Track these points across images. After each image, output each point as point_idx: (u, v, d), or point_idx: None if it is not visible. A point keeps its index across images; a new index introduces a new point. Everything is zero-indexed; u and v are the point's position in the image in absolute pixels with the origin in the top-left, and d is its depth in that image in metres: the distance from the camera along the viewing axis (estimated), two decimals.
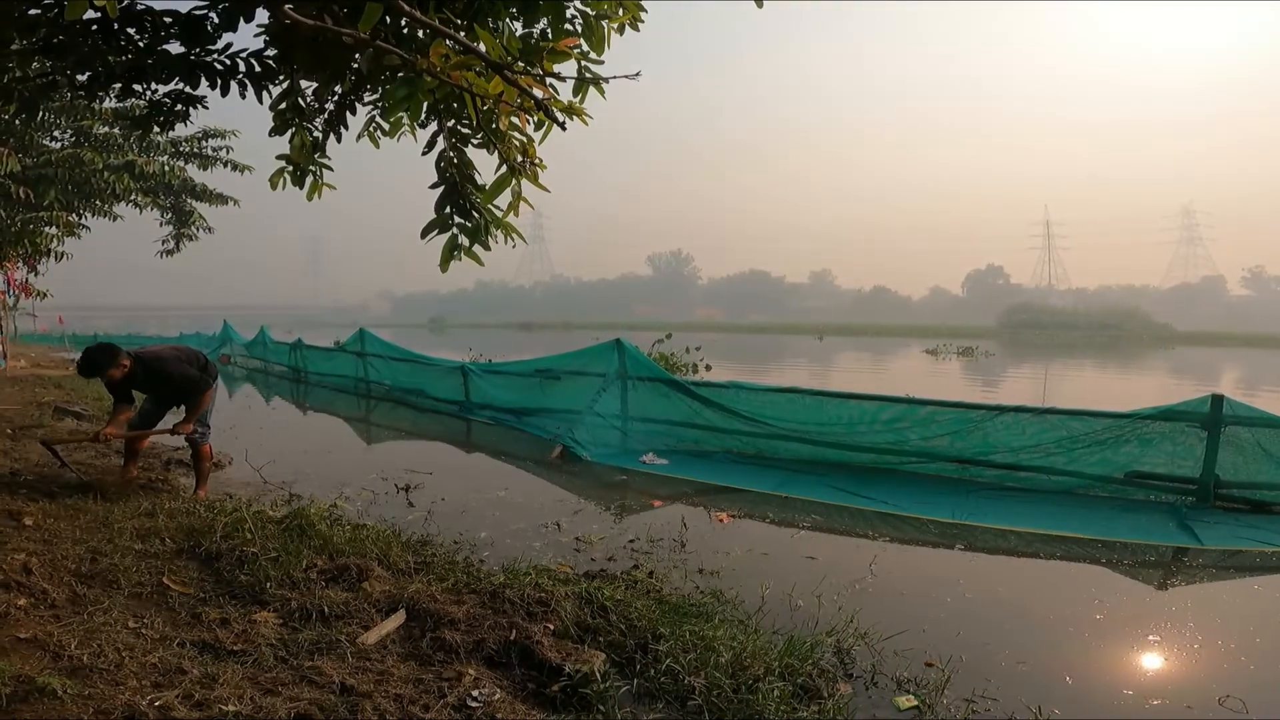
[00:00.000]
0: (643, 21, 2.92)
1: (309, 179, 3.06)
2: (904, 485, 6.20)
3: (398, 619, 3.05)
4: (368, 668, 2.65)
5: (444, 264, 2.76)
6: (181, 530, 4.09)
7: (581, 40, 3.00)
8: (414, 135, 2.98)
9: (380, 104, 3.01)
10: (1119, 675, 3.03)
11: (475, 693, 2.50)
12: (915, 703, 2.65)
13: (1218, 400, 5.55)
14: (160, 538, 3.98)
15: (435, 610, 3.08)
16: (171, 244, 12.48)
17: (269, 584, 3.33)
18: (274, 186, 3.02)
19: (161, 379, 5.13)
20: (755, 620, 3.31)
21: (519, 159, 2.75)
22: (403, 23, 2.67)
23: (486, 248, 2.84)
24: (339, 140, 3.17)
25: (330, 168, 3.12)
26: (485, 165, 2.94)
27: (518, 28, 2.97)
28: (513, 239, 2.91)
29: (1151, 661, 3.16)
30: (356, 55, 2.59)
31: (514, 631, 2.89)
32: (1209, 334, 64.83)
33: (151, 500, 4.79)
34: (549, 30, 2.94)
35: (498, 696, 2.50)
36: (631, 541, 4.71)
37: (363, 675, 2.58)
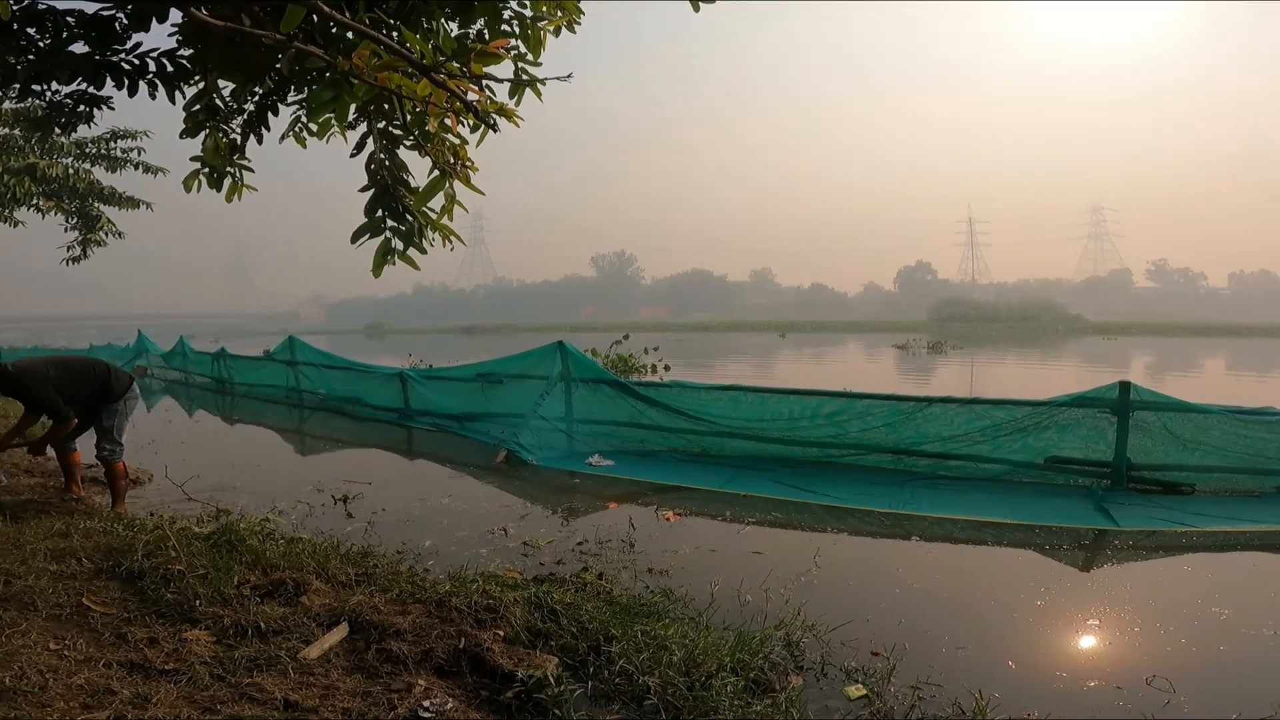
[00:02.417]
0: (579, 24, 2.91)
1: (228, 181, 2.97)
2: (844, 477, 6.37)
3: (340, 632, 2.98)
4: (311, 683, 2.58)
5: (376, 268, 2.70)
6: (99, 550, 3.92)
7: (519, 42, 2.98)
8: (344, 137, 2.91)
9: (305, 106, 2.92)
10: (1052, 658, 3.17)
11: (426, 703, 2.45)
12: (864, 692, 2.72)
13: (1125, 387, 5.88)
14: (76, 558, 3.81)
15: (380, 621, 3.02)
16: (78, 250, 11.79)
17: (199, 601, 3.21)
18: (188, 189, 2.92)
19: (20, 393, 4.90)
20: (706, 617, 3.35)
21: (451, 161, 2.73)
22: (331, 23, 2.60)
23: (422, 251, 2.79)
24: (259, 142, 3.07)
25: (251, 169, 3.03)
26: (419, 167, 2.90)
27: (454, 28, 2.93)
28: (450, 242, 2.87)
29: (1081, 643, 3.32)
30: (279, 55, 2.50)
31: (463, 640, 2.86)
32: (1118, 324, 68.99)
33: (65, 520, 4.54)
34: (485, 32, 2.91)
35: (450, 706, 2.46)
36: (580, 544, 4.69)
37: (307, 690, 2.51)
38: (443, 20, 2.84)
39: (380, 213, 2.76)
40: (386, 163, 2.85)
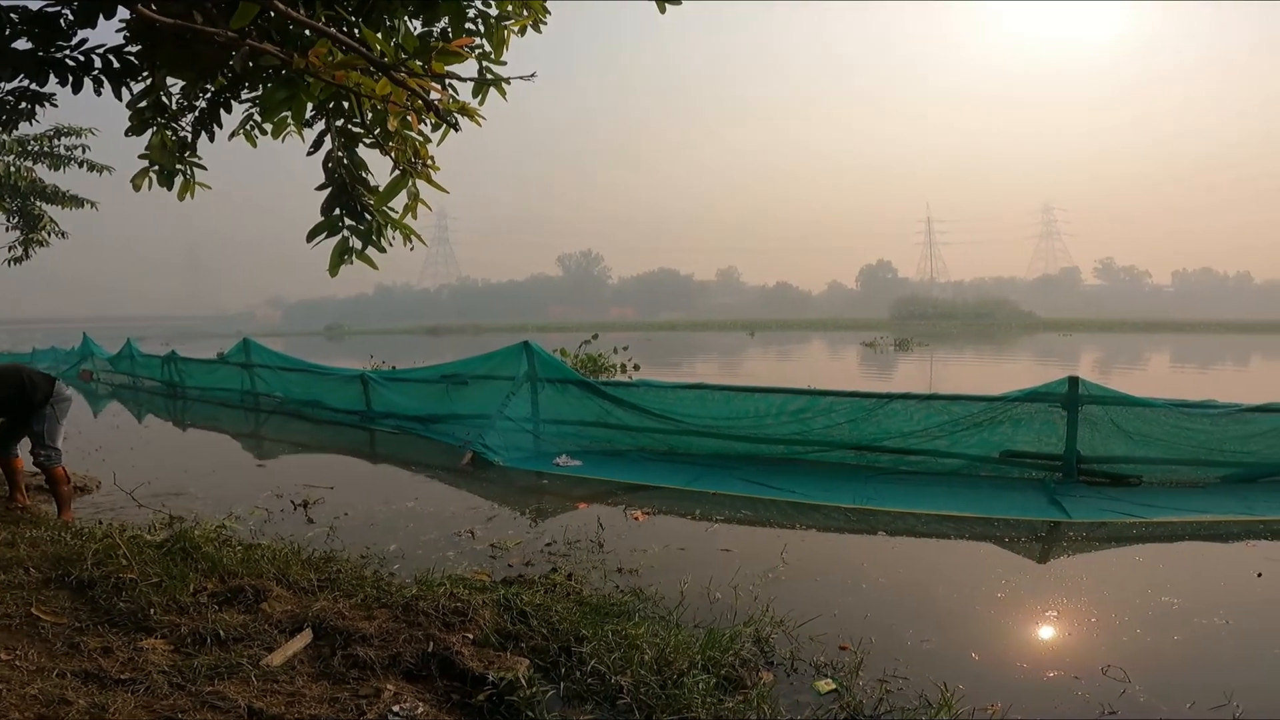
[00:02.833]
0: (545, 24, 2.90)
1: (179, 179, 2.91)
2: (809, 474, 6.45)
3: (304, 638, 2.94)
4: (276, 690, 2.53)
5: (333, 268, 2.66)
6: (47, 559, 3.81)
7: (483, 41, 2.96)
8: (300, 135, 2.85)
9: (258, 104, 2.86)
10: (1013, 649, 3.25)
11: (396, 708, 2.42)
12: (834, 686, 2.76)
13: (1074, 381, 6.07)
14: (24, 567, 3.70)
15: (344, 627, 2.98)
16: (19, 250, 11.33)
17: (153, 610, 3.14)
18: (137, 188, 2.85)
19: None
20: (676, 615, 3.36)
21: (412, 159, 2.70)
22: (288, 21, 2.54)
23: (381, 250, 2.76)
24: (210, 139, 3.01)
25: (203, 166, 2.98)
26: (379, 165, 2.86)
27: (417, 26, 2.89)
28: (412, 241, 2.84)
29: (1040, 634, 3.41)
30: (232, 52, 2.44)
31: (431, 643, 2.84)
32: (1068, 320, 71.25)
33: (10, 530, 4.40)
34: (449, 30, 2.88)
35: (421, 710, 2.43)
36: (549, 544, 4.67)
37: (272, 698, 2.46)
38: (405, 18, 2.81)
39: (338, 211, 2.72)
40: (345, 161, 2.80)
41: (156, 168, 2.82)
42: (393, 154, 2.72)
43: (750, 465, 6.72)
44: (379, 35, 2.67)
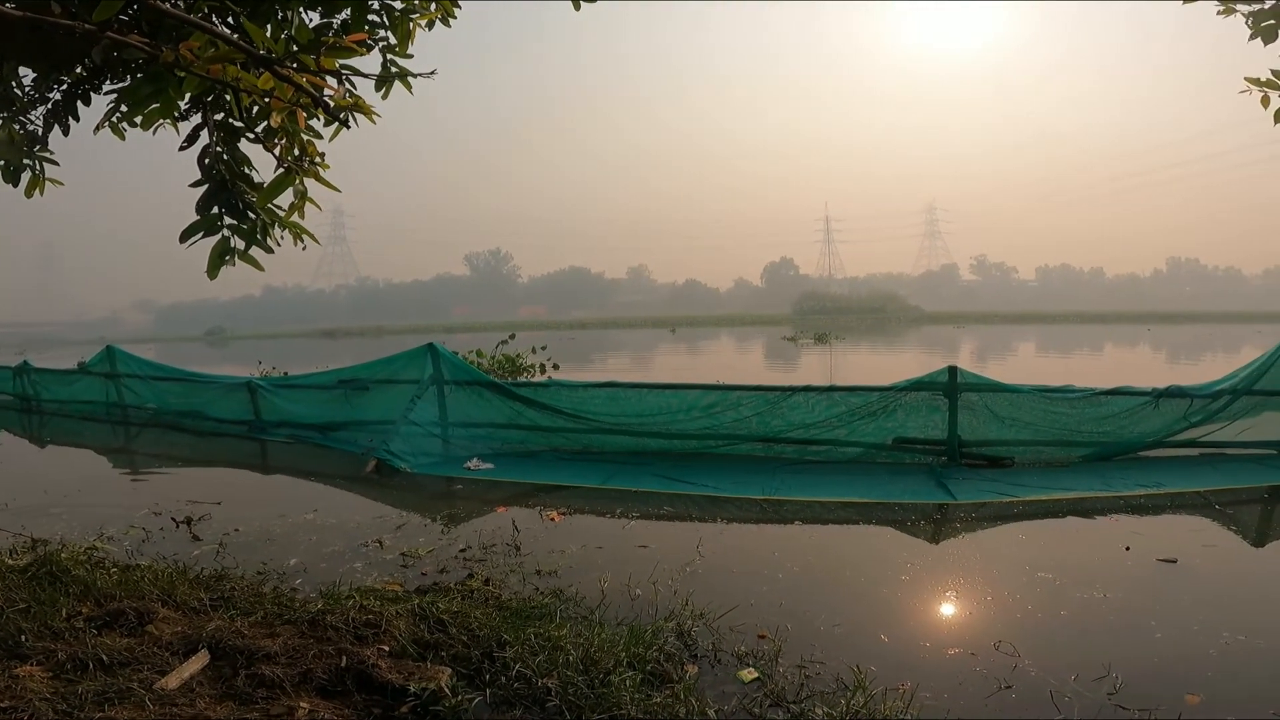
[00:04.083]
0: (455, 17, 2.83)
1: (26, 174, 2.71)
2: (721, 467, 6.61)
3: (200, 659, 2.80)
4: (176, 714, 2.40)
5: (212, 269, 2.52)
6: None
7: (388, 34, 2.86)
8: (175, 128, 2.68)
9: (123, 99, 2.67)
10: (916, 629, 3.44)
11: None
12: (756, 674, 2.85)
13: (953, 371, 6.54)
14: None
15: (245, 646, 2.87)
16: None
17: (24, 637, 2.94)
18: None
19: None
20: (598, 614, 3.37)
21: (297, 156, 2.60)
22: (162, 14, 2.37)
23: (268, 250, 2.63)
24: (65, 133, 2.80)
25: (54, 161, 2.80)
26: (264, 161, 2.74)
27: (314, 18, 2.76)
28: (303, 240, 2.72)
29: (940, 613, 3.64)
30: (93, 44, 2.26)
31: (344, 658, 2.76)
32: (948, 314, 76.41)
33: None
34: (350, 23, 2.77)
35: None
36: (463, 550, 4.58)
37: None
38: (301, 10, 2.68)
39: (217, 209, 2.57)
40: (224, 156, 2.65)
41: (1, 163, 2.64)
42: (277, 151, 2.61)
43: (664, 461, 6.81)
44: (267, 28, 2.55)
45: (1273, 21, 2.31)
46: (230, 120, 2.72)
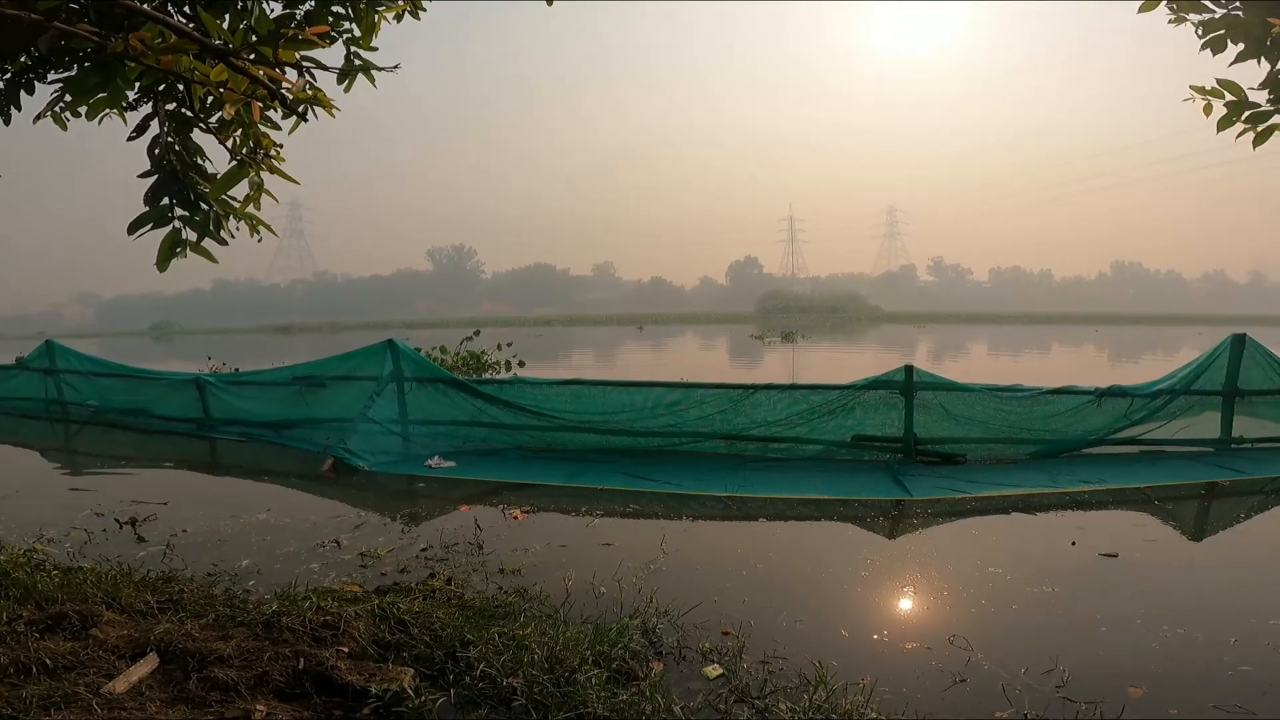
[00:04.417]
0: (425, 9, 2.79)
1: None
2: (685, 465, 6.65)
3: (149, 663, 2.74)
4: (126, 718, 2.36)
5: (162, 262, 2.46)
6: None
7: (353, 25, 2.81)
8: (123, 119, 2.60)
9: (69, 88, 2.58)
10: (875, 623, 3.50)
11: None
12: (721, 670, 2.88)
13: (909, 370, 6.70)
14: None
15: (196, 649, 2.81)
16: None
17: None
18: None
19: None
20: (563, 613, 3.37)
21: (252, 148, 2.54)
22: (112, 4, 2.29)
23: (222, 243, 2.57)
24: (6, 123, 2.71)
25: None
26: (220, 151, 2.67)
27: (276, 9, 2.70)
28: (260, 232, 2.67)
29: (897, 608, 3.72)
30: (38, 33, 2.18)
31: (302, 660, 2.72)
32: (906, 314, 78.08)
33: None
34: (313, 14, 2.72)
35: None
36: (424, 550, 4.53)
37: None
38: (262, 0, 2.61)
39: (167, 200, 2.50)
40: (176, 147, 2.57)
41: None
42: (230, 143, 2.55)
43: (628, 459, 6.83)
44: (226, 18, 2.48)
45: (1222, 32, 2.40)
46: (182, 110, 2.64)
